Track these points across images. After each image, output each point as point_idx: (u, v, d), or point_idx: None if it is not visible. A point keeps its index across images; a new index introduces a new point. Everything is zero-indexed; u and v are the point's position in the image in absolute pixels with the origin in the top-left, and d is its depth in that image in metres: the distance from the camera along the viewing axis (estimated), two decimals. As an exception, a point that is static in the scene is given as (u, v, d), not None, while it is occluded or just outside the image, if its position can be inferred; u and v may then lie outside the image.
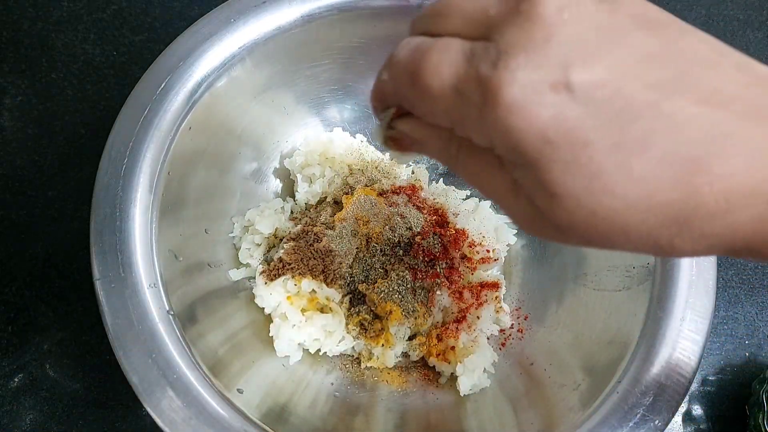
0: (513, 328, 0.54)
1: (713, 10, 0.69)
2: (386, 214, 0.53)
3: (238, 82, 0.49)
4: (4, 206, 0.57)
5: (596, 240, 0.21)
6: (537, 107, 0.20)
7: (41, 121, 0.60)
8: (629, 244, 0.21)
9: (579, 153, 0.20)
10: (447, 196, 0.56)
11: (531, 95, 0.20)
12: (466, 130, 0.22)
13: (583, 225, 0.21)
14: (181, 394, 0.39)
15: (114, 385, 0.53)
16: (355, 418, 0.47)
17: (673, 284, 0.43)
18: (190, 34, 0.47)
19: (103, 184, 0.42)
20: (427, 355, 0.52)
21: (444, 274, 0.52)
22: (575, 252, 0.53)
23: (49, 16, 0.64)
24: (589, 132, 0.19)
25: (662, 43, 0.20)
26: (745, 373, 0.56)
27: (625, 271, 0.47)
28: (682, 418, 0.55)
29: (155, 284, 0.41)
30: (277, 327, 0.49)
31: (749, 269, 0.60)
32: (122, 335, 0.39)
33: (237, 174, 0.54)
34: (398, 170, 0.58)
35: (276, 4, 0.48)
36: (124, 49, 0.63)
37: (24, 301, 0.55)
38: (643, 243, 0.21)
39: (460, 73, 0.21)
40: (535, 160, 0.20)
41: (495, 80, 0.20)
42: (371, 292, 0.50)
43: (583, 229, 0.21)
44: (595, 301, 0.49)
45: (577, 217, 0.21)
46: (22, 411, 0.52)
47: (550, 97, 0.19)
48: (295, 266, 0.49)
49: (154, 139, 0.44)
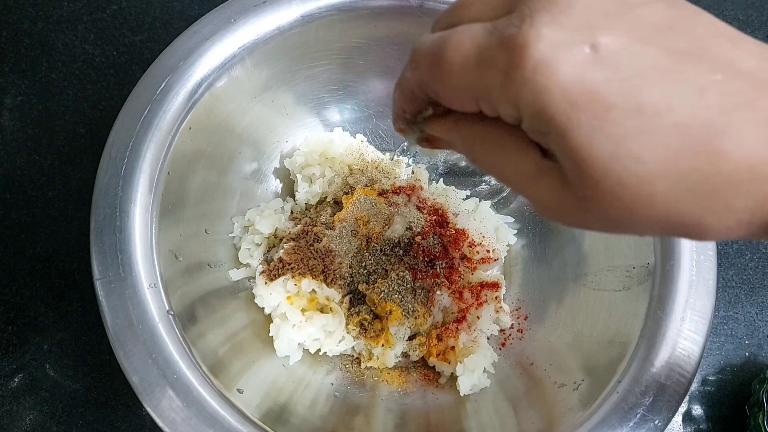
0: (513, 328, 0.54)
1: (713, 11, 0.69)
2: (386, 214, 0.53)
3: (238, 82, 0.49)
4: (4, 206, 0.57)
5: (622, 215, 0.21)
6: (564, 66, 0.19)
7: (41, 121, 0.60)
8: (656, 220, 0.21)
9: (603, 117, 0.19)
10: (447, 196, 0.56)
11: (557, 52, 0.20)
12: (493, 102, 0.22)
13: (609, 195, 0.20)
14: (181, 394, 0.39)
15: (114, 385, 0.53)
16: (355, 418, 0.47)
17: (673, 284, 0.43)
18: (190, 34, 0.47)
19: (103, 184, 0.42)
20: (427, 355, 0.52)
21: (444, 274, 0.52)
22: (575, 252, 0.53)
23: (49, 16, 0.64)
24: (613, 95, 0.19)
25: (681, 15, 0.21)
26: (745, 373, 0.56)
27: (625, 271, 0.47)
28: (682, 418, 0.55)
29: (155, 284, 0.41)
30: (277, 327, 0.49)
31: (749, 269, 0.60)
32: (122, 335, 0.39)
33: (237, 174, 0.54)
34: (398, 170, 0.58)
35: (276, 4, 0.48)
36: (124, 49, 0.63)
37: (24, 301, 0.55)
38: (670, 218, 0.21)
39: (482, 44, 0.21)
40: (561, 125, 0.20)
41: (521, 38, 0.20)
42: (371, 292, 0.50)
43: (609, 201, 0.21)
44: (595, 301, 0.49)
45: (604, 185, 0.20)
46: (22, 411, 0.52)
47: (576, 56, 0.20)
48: (295, 266, 0.49)
49: (154, 139, 0.44)
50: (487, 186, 0.59)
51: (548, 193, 0.23)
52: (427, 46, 0.23)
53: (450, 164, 0.59)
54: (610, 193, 0.20)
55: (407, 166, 0.59)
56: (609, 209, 0.21)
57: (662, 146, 0.19)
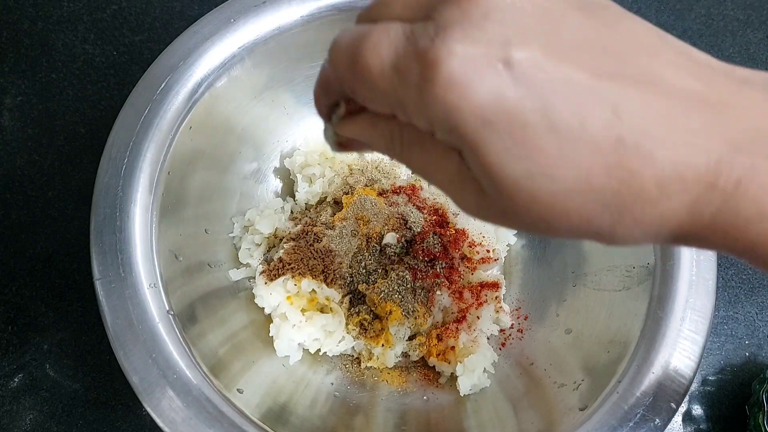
0: (513, 328, 0.54)
1: (713, 10, 0.69)
2: (386, 214, 0.53)
3: (238, 82, 0.49)
4: (4, 206, 0.57)
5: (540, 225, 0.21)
6: (476, 83, 0.19)
7: (41, 121, 0.60)
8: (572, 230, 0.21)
9: (517, 135, 0.19)
10: (447, 196, 0.56)
11: (469, 70, 0.19)
12: (407, 114, 0.22)
13: (525, 209, 0.21)
14: (181, 394, 0.39)
15: (114, 385, 0.53)
16: (355, 418, 0.47)
17: (673, 284, 0.43)
18: (190, 34, 0.47)
19: (103, 184, 0.42)
20: (427, 355, 0.52)
21: (444, 274, 0.52)
22: (575, 252, 0.53)
23: (49, 16, 0.64)
24: (528, 113, 0.19)
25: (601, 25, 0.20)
26: (745, 373, 0.56)
27: (625, 271, 0.47)
28: (682, 418, 0.55)
29: (155, 284, 0.41)
30: (277, 327, 0.49)
31: (749, 269, 0.60)
32: (122, 335, 0.39)
33: (237, 174, 0.54)
34: (398, 170, 0.58)
35: (276, 4, 0.48)
36: (124, 49, 0.63)
37: (24, 301, 0.55)
38: (584, 229, 0.21)
39: (399, 51, 0.21)
40: (474, 142, 0.20)
41: (432, 54, 0.19)
42: (371, 292, 0.50)
43: (525, 214, 0.21)
44: (595, 301, 0.49)
45: (519, 201, 0.20)
46: (22, 411, 0.52)
47: (489, 73, 0.19)
48: (295, 266, 0.50)
49: (154, 139, 0.44)
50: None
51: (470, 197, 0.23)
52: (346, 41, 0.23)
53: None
54: (525, 207, 0.21)
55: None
56: (526, 219, 0.21)
57: (575, 164, 0.19)
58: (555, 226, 0.21)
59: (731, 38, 0.68)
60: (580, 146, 0.19)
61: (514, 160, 0.20)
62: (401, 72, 0.20)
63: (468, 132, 0.20)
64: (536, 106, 0.19)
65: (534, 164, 0.20)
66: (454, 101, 0.19)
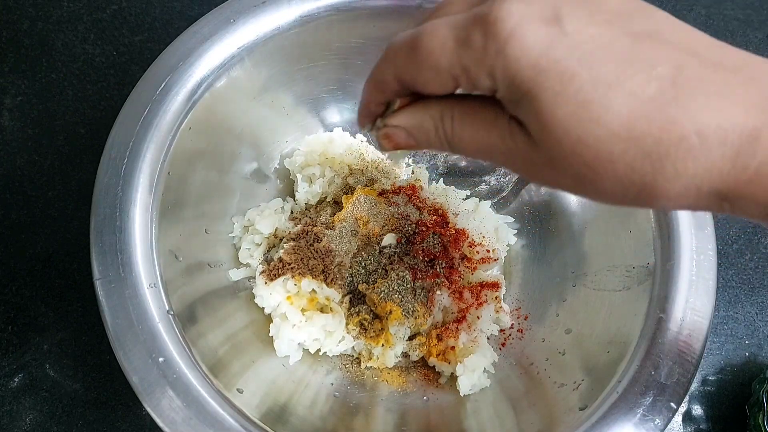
0: (513, 328, 0.54)
1: (713, 10, 0.69)
2: (386, 214, 0.53)
3: (238, 82, 0.49)
4: (4, 206, 0.57)
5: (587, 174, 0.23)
6: (531, 37, 0.22)
7: (41, 121, 0.60)
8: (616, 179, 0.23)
9: (567, 83, 0.22)
10: (447, 196, 0.56)
11: (525, 25, 0.22)
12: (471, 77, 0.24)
13: (573, 153, 0.23)
14: (181, 394, 0.39)
15: (114, 385, 0.53)
16: (355, 418, 0.47)
17: (673, 284, 0.43)
18: (190, 34, 0.47)
19: (103, 184, 0.42)
20: (427, 355, 0.52)
21: (444, 274, 0.52)
22: (575, 252, 0.53)
23: (49, 16, 0.64)
24: (575, 65, 0.22)
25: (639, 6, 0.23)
26: (745, 373, 0.56)
27: (625, 271, 0.47)
28: (682, 418, 0.55)
29: (155, 284, 0.41)
30: (277, 327, 0.49)
31: (749, 269, 0.60)
32: (122, 335, 0.39)
33: (237, 174, 0.54)
34: (398, 170, 0.58)
35: (275, 4, 0.48)
36: (124, 49, 0.63)
37: (24, 301, 0.55)
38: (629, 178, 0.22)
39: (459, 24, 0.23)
40: (529, 90, 0.22)
41: (493, 15, 0.22)
42: (371, 292, 0.50)
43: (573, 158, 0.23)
44: (595, 301, 0.49)
45: (567, 144, 0.22)
46: (22, 411, 0.52)
47: (543, 28, 0.22)
48: (295, 266, 0.49)
49: (154, 139, 0.44)
50: (487, 186, 0.59)
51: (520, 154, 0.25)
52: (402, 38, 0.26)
53: (450, 164, 0.60)
54: (572, 150, 0.23)
55: (407, 166, 0.59)
56: (573, 166, 0.23)
57: (618, 112, 0.21)
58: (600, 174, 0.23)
59: (731, 38, 0.68)
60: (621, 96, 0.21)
61: (564, 105, 0.22)
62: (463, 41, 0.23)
63: (525, 80, 0.22)
64: (583, 61, 0.22)
65: (581, 109, 0.22)
66: (514, 53, 0.22)
